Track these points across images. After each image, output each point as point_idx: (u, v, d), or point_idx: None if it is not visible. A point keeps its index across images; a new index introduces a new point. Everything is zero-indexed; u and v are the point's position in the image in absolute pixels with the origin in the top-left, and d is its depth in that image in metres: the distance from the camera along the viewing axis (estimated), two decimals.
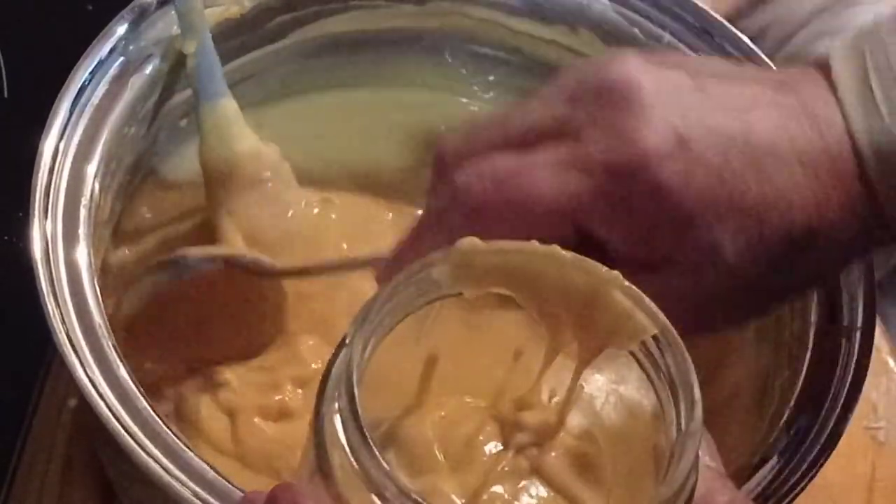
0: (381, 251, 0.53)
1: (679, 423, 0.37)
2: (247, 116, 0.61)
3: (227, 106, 0.59)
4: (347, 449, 0.36)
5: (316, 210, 0.61)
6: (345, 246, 0.61)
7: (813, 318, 0.56)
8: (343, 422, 0.36)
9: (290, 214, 0.60)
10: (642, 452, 0.40)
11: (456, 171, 0.48)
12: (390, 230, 0.63)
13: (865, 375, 0.54)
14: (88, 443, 0.59)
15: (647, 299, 0.39)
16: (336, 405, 0.36)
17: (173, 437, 0.47)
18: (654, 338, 0.39)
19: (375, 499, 0.35)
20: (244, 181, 0.59)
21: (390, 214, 0.64)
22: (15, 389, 0.61)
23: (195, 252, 0.57)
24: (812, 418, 0.53)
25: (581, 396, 0.42)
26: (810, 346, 0.55)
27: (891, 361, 0.68)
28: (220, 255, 0.57)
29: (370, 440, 0.35)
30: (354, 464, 0.35)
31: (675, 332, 0.38)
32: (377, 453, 0.35)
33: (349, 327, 0.37)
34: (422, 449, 0.41)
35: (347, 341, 0.37)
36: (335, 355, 0.38)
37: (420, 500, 0.35)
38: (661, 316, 0.38)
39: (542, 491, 0.41)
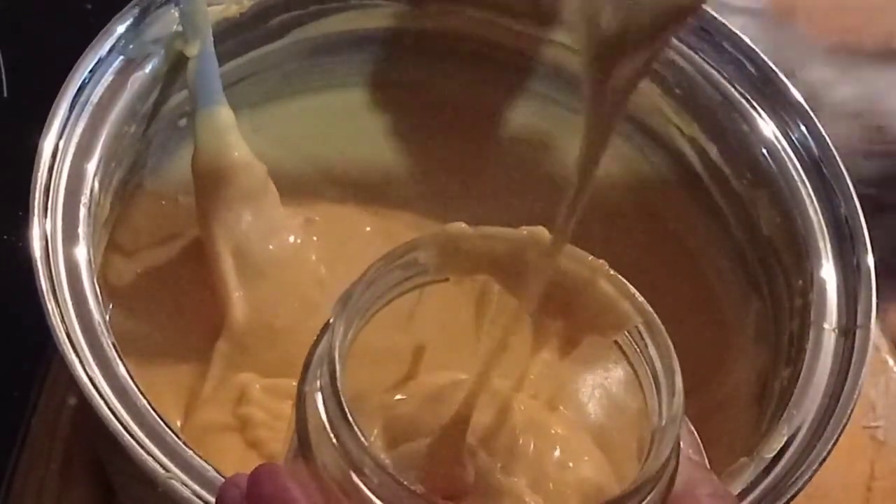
0: None
1: (661, 412, 0.38)
2: (244, 117, 0.61)
3: (224, 114, 0.58)
4: (328, 426, 0.36)
5: (298, 240, 0.61)
6: (322, 270, 0.61)
7: (812, 317, 0.56)
8: (324, 399, 0.36)
9: (274, 237, 0.60)
10: (627, 448, 0.40)
11: None
12: (368, 245, 0.63)
13: (864, 374, 0.54)
14: (88, 442, 0.59)
15: (632, 289, 0.39)
16: (318, 383, 0.37)
17: (173, 436, 0.47)
18: (638, 327, 0.39)
19: (354, 475, 0.35)
20: (235, 192, 0.58)
21: (368, 228, 0.64)
22: (14, 388, 0.61)
23: None
24: (811, 418, 0.53)
25: (566, 391, 0.42)
26: (810, 345, 0.55)
27: (889, 360, 0.68)
28: None
29: (350, 417, 0.35)
30: (334, 440, 0.35)
31: (659, 321, 0.39)
32: (357, 430, 0.35)
33: (333, 308, 0.37)
34: (404, 424, 0.41)
35: (330, 322, 0.37)
36: (319, 337, 0.38)
37: (398, 477, 0.35)
38: (646, 305, 0.39)
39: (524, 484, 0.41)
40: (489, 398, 0.42)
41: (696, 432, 0.41)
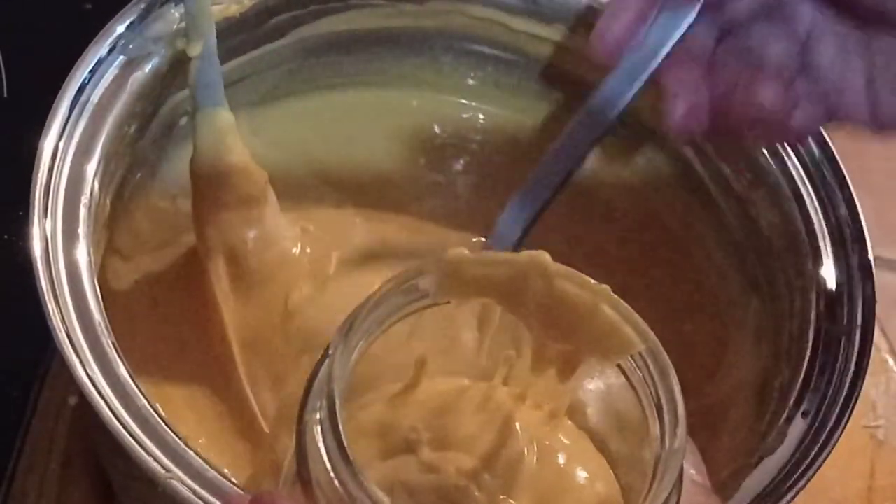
0: None
1: (663, 441, 0.37)
2: (244, 117, 0.61)
3: (224, 116, 0.58)
4: (326, 460, 0.36)
5: (296, 250, 0.61)
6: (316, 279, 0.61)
7: (813, 317, 0.56)
8: (323, 433, 0.36)
9: (268, 247, 0.59)
10: (631, 455, 0.40)
11: None
12: (365, 247, 0.62)
13: (865, 374, 0.54)
14: (88, 441, 0.59)
15: (635, 314, 0.39)
16: (317, 415, 0.37)
17: (173, 435, 0.47)
18: (641, 353, 0.38)
19: None
20: (232, 196, 0.58)
21: (366, 230, 0.64)
22: (15, 388, 0.61)
23: None
24: (811, 417, 0.53)
25: (569, 401, 0.42)
26: (810, 345, 0.55)
27: (890, 360, 0.68)
28: None
29: (349, 454, 0.35)
30: (332, 474, 0.36)
31: (661, 348, 0.38)
32: (355, 467, 0.35)
33: (334, 336, 0.37)
34: (403, 434, 0.41)
35: (331, 352, 0.37)
36: (319, 363, 0.38)
37: None
38: (649, 332, 0.38)
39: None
40: (491, 415, 0.42)
41: (696, 450, 0.41)
